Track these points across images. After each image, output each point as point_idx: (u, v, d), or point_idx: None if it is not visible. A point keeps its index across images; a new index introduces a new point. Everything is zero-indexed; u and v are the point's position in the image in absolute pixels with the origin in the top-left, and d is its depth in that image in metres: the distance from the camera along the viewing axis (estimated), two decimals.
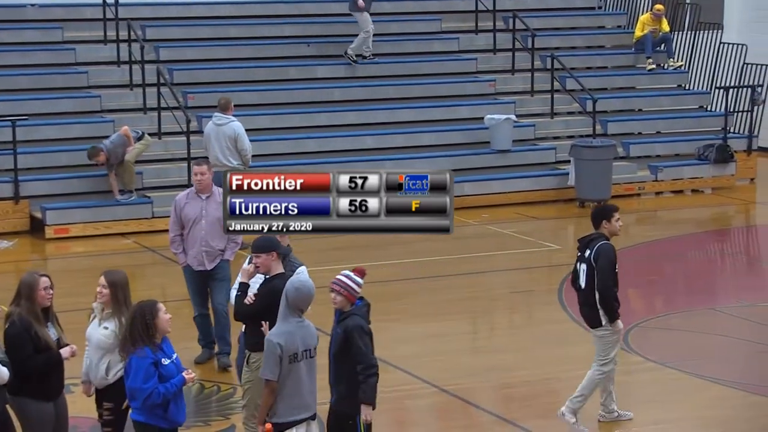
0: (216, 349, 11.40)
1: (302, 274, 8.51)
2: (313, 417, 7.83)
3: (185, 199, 11.10)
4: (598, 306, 9.68)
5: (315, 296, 7.79)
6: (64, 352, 8.07)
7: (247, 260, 8.92)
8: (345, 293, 7.90)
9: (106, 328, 8.21)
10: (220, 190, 10.74)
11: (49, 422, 8.14)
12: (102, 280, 8.26)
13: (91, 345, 8.26)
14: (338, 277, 7.93)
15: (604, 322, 9.74)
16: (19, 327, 7.95)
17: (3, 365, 7.77)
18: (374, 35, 21.20)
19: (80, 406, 9.28)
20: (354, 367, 7.83)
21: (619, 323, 9.78)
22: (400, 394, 10.75)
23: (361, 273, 7.96)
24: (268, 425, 7.61)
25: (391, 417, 10.21)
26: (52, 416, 8.14)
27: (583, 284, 9.79)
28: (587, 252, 9.76)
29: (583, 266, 9.78)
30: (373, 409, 7.89)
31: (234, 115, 15.88)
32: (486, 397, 10.91)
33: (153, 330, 7.53)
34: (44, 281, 8.11)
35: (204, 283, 11.25)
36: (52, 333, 8.13)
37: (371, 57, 20.33)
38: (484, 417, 10.43)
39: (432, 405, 10.75)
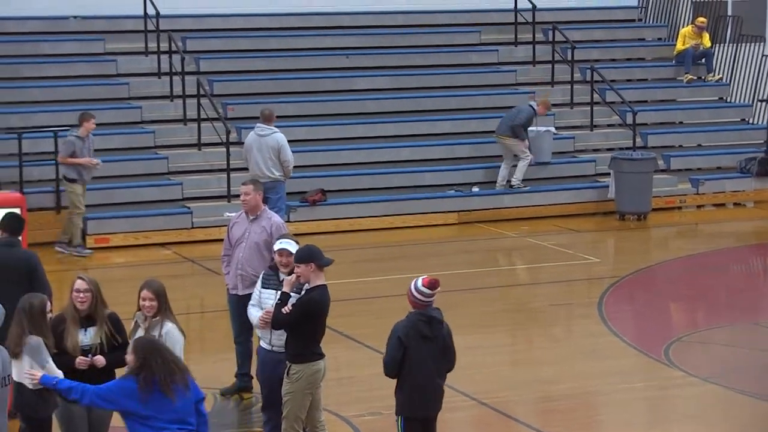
0: (244, 382, 10.94)
1: None
2: None
3: (236, 219, 10.78)
4: None
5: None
6: (79, 361, 8.08)
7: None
8: (408, 292, 8.20)
9: (153, 335, 8.25)
10: (270, 214, 10.71)
11: (74, 424, 8.16)
12: (146, 292, 8.29)
13: None
14: (419, 277, 8.27)
15: None
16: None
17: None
18: (413, 47, 21.22)
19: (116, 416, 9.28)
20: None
21: None
22: None
23: (428, 282, 8.19)
24: None
25: None
26: (77, 417, 8.17)
27: None
28: None
29: None
30: None
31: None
32: (525, 411, 10.84)
33: None
34: (77, 283, 8.24)
35: (241, 309, 10.48)
36: (86, 338, 8.17)
37: (521, 185, 19.00)
38: (523, 430, 10.36)
39: (471, 418, 10.70)
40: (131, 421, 7.21)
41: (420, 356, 8.15)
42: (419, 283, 8.21)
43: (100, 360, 8.12)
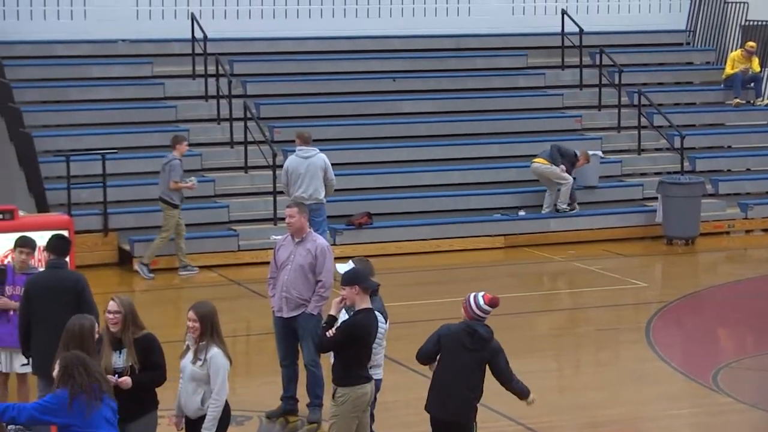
0: (290, 405, 10.96)
1: None
2: None
3: (282, 242, 10.80)
4: None
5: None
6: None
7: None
8: (464, 305, 8.59)
9: (199, 359, 8.28)
10: (315, 236, 10.71)
11: None
12: (191, 314, 8.32)
13: (185, 377, 8.33)
14: (476, 293, 8.61)
15: None
16: None
17: None
18: (460, 70, 21.22)
19: None
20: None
21: None
22: (484, 431, 10.62)
23: (489, 300, 8.51)
24: None
25: None
26: None
27: None
28: None
29: None
30: None
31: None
32: None
33: None
34: (110, 304, 8.28)
35: (286, 332, 10.73)
36: (119, 361, 8.21)
37: (567, 209, 18.92)
38: None
39: None
40: None
41: (455, 363, 8.33)
42: (480, 299, 8.48)
43: (126, 382, 8.13)
